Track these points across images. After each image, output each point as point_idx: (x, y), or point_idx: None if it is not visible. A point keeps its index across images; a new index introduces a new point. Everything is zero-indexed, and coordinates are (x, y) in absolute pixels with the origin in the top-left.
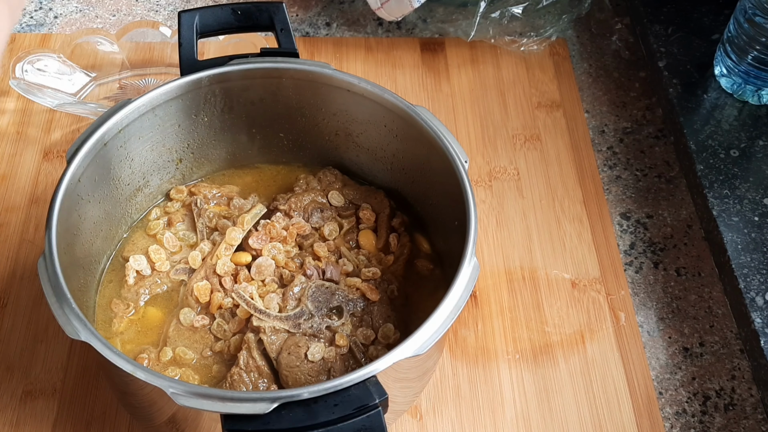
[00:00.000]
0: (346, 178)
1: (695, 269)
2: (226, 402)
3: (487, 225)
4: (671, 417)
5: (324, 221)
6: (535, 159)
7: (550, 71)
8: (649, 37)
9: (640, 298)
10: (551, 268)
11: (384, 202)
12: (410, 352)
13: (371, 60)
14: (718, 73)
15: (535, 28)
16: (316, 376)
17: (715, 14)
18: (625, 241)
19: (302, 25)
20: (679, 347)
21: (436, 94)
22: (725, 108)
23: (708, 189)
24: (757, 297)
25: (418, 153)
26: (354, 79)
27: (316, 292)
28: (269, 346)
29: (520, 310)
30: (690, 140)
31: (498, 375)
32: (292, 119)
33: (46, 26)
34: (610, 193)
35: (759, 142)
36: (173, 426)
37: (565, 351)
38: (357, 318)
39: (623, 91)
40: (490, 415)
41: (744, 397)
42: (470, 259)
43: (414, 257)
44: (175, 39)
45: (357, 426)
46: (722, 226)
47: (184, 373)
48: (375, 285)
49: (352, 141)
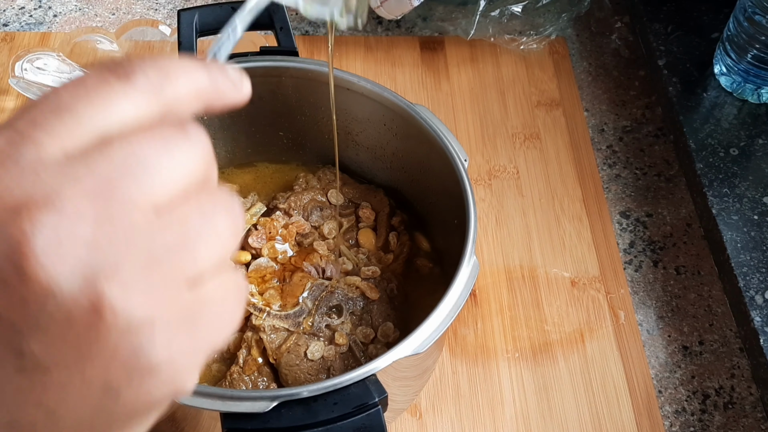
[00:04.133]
0: (345, 176)
1: (695, 268)
2: (226, 401)
3: (487, 224)
4: (671, 415)
5: (323, 220)
6: (534, 158)
7: (549, 70)
8: (648, 35)
9: (639, 296)
10: (551, 266)
11: (383, 201)
12: (410, 350)
13: (371, 58)
14: (718, 71)
15: (535, 26)
16: (316, 374)
17: (715, 13)
18: (625, 239)
19: (302, 24)
20: (678, 346)
21: (436, 93)
22: (725, 107)
23: (707, 187)
24: (756, 295)
25: (417, 152)
26: (353, 78)
27: (315, 291)
28: (269, 345)
29: (519, 308)
30: (689, 139)
31: (497, 373)
32: (291, 118)
33: (46, 25)
34: (610, 191)
35: (758, 140)
36: (173, 425)
37: (565, 349)
38: (356, 317)
39: (623, 90)
40: (490, 414)
41: (743, 395)
42: (470, 257)
43: (413, 256)
44: (175, 38)
45: (357, 424)
46: (722, 225)
47: None
48: (374, 283)
49: (352, 140)
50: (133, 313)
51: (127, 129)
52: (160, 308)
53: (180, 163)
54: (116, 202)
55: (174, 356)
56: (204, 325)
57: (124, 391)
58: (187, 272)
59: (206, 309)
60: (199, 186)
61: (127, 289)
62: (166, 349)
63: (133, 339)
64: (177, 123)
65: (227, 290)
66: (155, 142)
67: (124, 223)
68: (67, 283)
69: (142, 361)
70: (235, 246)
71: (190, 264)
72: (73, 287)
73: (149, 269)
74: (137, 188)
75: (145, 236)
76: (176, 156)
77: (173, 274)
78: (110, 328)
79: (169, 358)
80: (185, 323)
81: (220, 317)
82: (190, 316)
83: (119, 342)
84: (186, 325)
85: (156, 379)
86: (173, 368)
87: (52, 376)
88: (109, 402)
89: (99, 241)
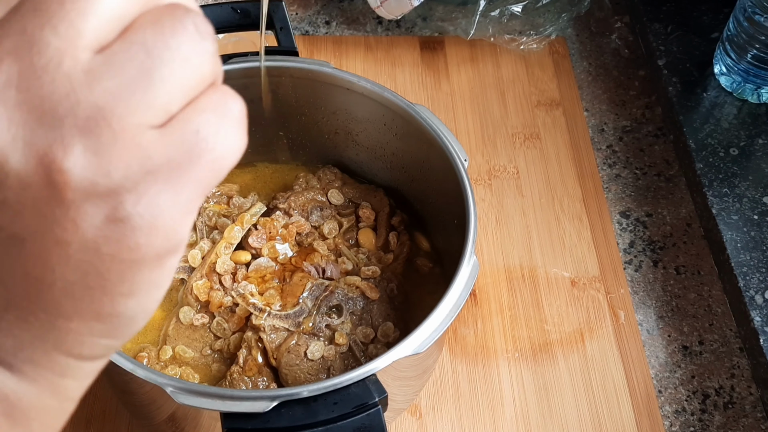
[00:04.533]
0: (345, 176)
1: (695, 268)
2: (226, 400)
3: (487, 223)
4: (671, 415)
5: (323, 220)
6: (534, 157)
7: (549, 70)
8: (648, 35)
9: (639, 296)
10: (551, 266)
11: (383, 201)
12: (410, 350)
13: (371, 58)
14: (718, 71)
15: (535, 26)
16: (316, 374)
17: (715, 13)
18: (625, 239)
19: (302, 24)
20: (678, 345)
21: (436, 93)
22: (725, 106)
23: (707, 187)
24: (756, 295)
25: (417, 151)
26: (353, 78)
27: (315, 291)
28: (269, 345)
29: (519, 308)
30: (689, 139)
31: (497, 373)
32: (291, 118)
33: None
34: (610, 191)
35: (758, 140)
36: (173, 424)
37: (565, 349)
38: (356, 316)
39: (623, 90)
40: (490, 414)
41: (743, 395)
42: (470, 257)
43: (413, 256)
44: None
45: (357, 424)
46: (722, 225)
47: (183, 372)
48: (374, 283)
49: (352, 139)
50: (89, 174)
51: None
52: (123, 163)
53: None
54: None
55: (153, 207)
56: (184, 170)
57: (104, 247)
58: (146, 113)
59: (186, 146)
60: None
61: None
62: (144, 203)
63: (98, 199)
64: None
65: (212, 119)
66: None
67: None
68: (15, 157)
69: (115, 217)
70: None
71: (149, 101)
72: (20, 159)
73: (97, 121)
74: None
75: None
76: None
77: (127, 120)
78: (71, 197)
79: (146, 210)
80: (159, 173)
81: (208, 151)
82: (164, 165)
83: (83, 203)
84: (160, 174)
85: (135, 230)
86: (153, 217)
87: (28, 246)
88: (93, 259)
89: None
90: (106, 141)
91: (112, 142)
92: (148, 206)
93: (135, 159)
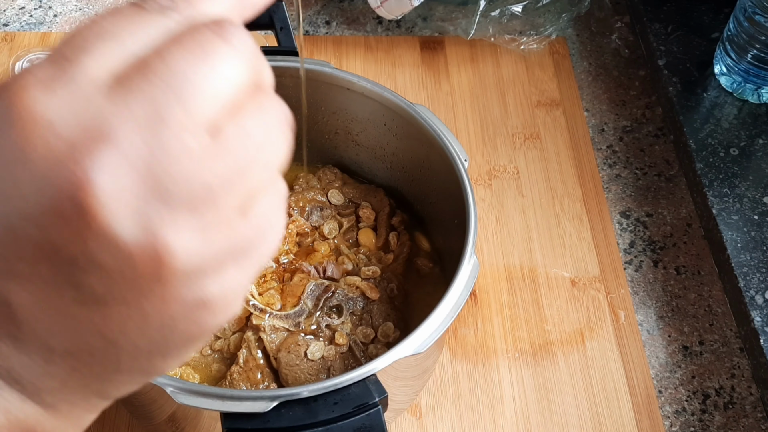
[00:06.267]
0: (345, 176)
1: (695, 268)
2: (226, 400)
3: (487, 223)
4: (671, 415)
5: (324, 220)
6: (534, 157)
7: (549, 70)
8: (648, 35)
9: (639, 296)
10: (551, 266)
11: (384, 201)
12: (410, 350)
13: (371, 58)
14: (718, 71)
15: (535, 26)
16: (316, 374)
17: (715, 13)
18: (625, 239)
19: (302, 24)
20: (678, 346)
21: (436, 93)
22: (725, 106)
23: (708, 187)
24: (756, 295)
25: (417, 151)
26: (354, 78)
27: (315, 291)
28: (269, 345)
29: (519, 308)
30: (690, 139)
31: (498, 373)
32: (291, 117)
33: (46, 25)
34: (610, 191)
35: (759, 140)
36: (173, 424)
37: (565, 349)
38: (357, 316)
39: (623, 90)
40: (490, 414)
41: (743, 395)
42: (470, 257)
43: (414, 256)
44: None
45: (357, 424)
46: (722, 225)
47: (183, 372)
48: (375, 283)
49: (352, 139)
50: (193, 257)
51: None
52: (217, 245)
53: (222, 71)
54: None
55: (227, 288)
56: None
57: (181, 324)
58: (241, 198)
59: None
60: (250, 92)
61: (187, 233)
62: (221, 284)
63: (192, 280)
64: (213, 27)
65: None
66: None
67: (179, 152)
68: (127, 229)
69: (199, 298)
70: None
71: (245, 188)
72: (132, 233)
73: (207, 205)
74: (182, 109)
75: (200, 166)
76: (216, 64)
77: (229, 205)
78: (170, 273)
79: (221, 292)
80: (237, 254)
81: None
82: (242, 246)
83: (179, 284)
84: (238, 255)
85: (210, 311)
86: (226, 299)
87: (111, 310)
88: (166, 334)
89: (157, 179)
90: (209, 222)
91: (214, 223)
92: (225, 288)
93: (226, 241)
